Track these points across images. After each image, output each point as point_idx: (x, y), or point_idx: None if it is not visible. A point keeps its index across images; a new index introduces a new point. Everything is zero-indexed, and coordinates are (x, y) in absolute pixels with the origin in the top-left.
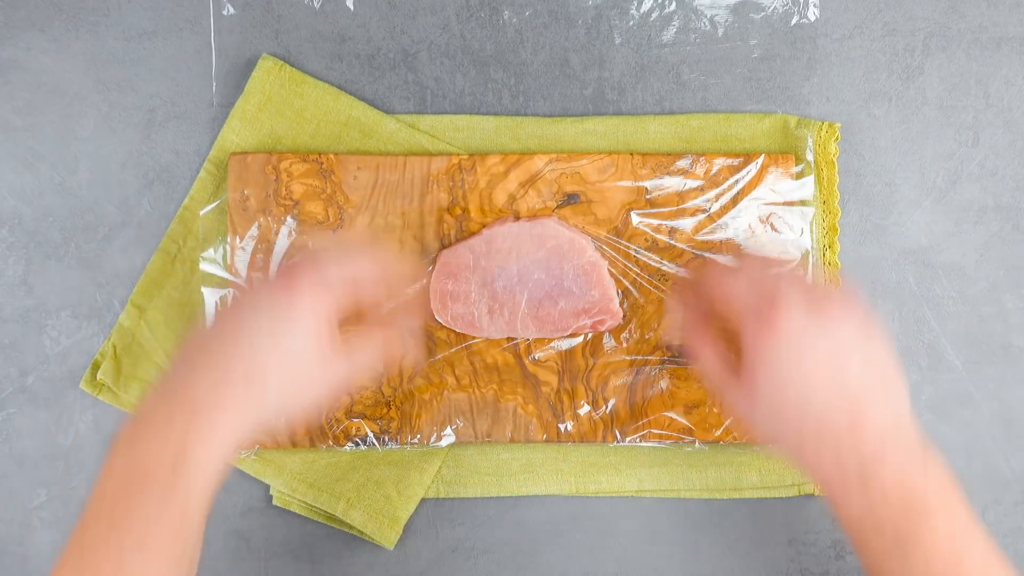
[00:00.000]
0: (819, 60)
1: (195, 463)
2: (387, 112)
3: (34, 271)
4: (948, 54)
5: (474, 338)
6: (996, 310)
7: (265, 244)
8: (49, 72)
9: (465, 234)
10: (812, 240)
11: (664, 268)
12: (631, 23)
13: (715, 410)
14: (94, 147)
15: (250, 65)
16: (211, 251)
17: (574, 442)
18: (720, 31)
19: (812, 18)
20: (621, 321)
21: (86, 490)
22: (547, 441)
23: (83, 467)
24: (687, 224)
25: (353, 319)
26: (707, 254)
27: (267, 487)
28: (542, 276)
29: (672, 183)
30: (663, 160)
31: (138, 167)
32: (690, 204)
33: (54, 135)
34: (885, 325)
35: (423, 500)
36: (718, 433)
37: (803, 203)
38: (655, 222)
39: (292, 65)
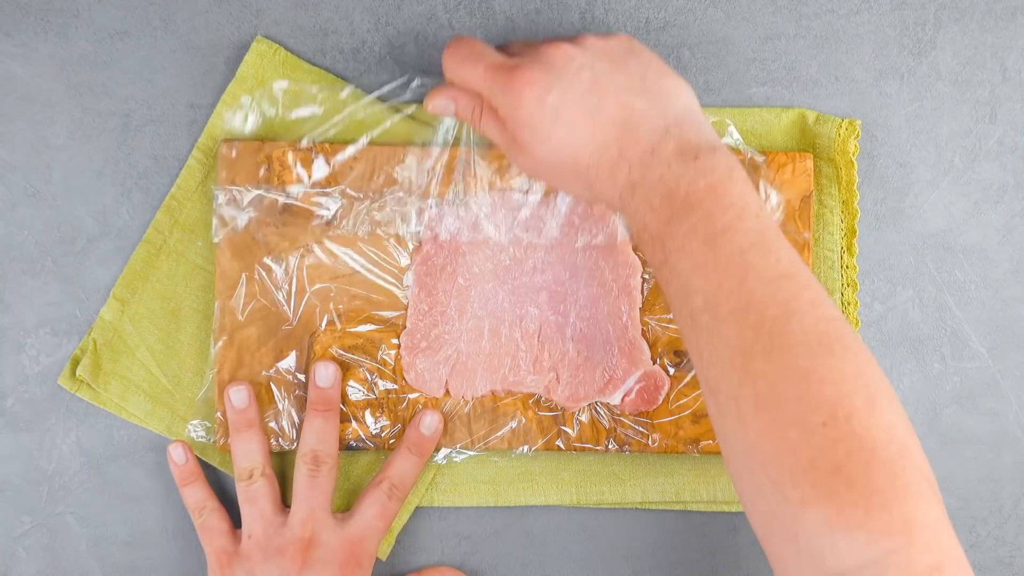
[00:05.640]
0: (826, 38)
1: None
2: None
3: (9, 288)
4: (961, 26)
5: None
6: (1021, 293)
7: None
8: (17, 79)
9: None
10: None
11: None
12: (628, 4)
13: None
14: (68, 155)
15: (229, 63)
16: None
17: (575, 450)
18: (721, 10)
19: None
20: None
21: (73, 516)
22: (547, 448)
23: (68, 491)
24: None
25: None
26: None
27: None
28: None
29: None
30: None
31: (115, 175)
32: None
33: (25, 144)
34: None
35: (424, 514)
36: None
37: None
38: None
39: None
